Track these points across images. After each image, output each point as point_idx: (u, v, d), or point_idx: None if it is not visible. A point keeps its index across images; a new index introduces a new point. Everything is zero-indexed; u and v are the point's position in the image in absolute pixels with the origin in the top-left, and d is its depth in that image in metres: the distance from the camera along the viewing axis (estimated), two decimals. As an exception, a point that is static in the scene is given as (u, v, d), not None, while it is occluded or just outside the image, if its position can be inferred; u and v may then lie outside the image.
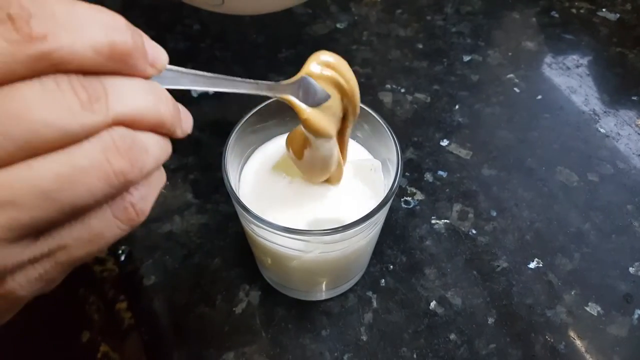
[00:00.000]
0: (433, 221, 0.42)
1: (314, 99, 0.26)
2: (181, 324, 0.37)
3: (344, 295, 0.38)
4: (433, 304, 0.38)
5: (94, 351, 0.36)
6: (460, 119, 0.50)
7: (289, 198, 0.33)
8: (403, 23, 0.60)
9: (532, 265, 0.40)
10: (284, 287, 0.38)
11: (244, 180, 0.34)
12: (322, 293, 0.38)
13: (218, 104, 0.50)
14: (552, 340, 0.36)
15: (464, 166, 0.46)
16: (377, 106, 0.51)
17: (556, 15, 0.61)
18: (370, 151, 0.36)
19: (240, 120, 0.32)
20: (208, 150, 0.46)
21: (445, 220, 0.42)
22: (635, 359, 0.35)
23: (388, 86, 0.53)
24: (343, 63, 0.28)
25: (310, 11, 0.61)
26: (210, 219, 0.42)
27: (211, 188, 0.44)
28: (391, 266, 0.39)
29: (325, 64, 0.27)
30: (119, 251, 0.40)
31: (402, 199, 0.44)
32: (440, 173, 0.45)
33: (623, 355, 0.35)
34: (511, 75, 0.54)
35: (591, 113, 0.51)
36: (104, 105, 0.15)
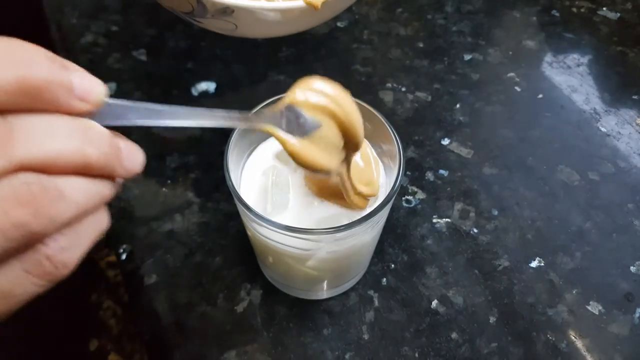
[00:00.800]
0: (434, 220, 0.42)
1: (303, 129, 0.24)
2: (182, 322, 0.37)
3: (346, 294, 0.38)
4: (434, 303, 0.38)
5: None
6: (461, 118, 0.50)
7: (290, 197, 0.33)
8: (403, 22, 0.60)
9: (534, 264, 0.40)
10: (286, 286, 0.38)
11: (245, 178, 0.34)
12: (324, 292, 0.38)
13: (219, 102, 0.50)
14: (554, 339, 0.36)
15: (465, 165, 0.46)
16: (378, 105, 0.51)
17: (557, 14, 0.61)
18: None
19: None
20: (209, 149, 0.46)
21: (447, 219, 0.42)
22: (636, 357, 0.35)
23: (389, 85, 0.53)
24: (343, 95, 0.25)
25: (311, 10, 0.61)
26: (212, 217, 0.42)
27: (212, 187, 0.44)
28: (392, 265, 0.39)
29: (315, 90, 0.24)
30: (120, 250, 0.40)
31: (403, 198, 0.44)
32: (442, 172, 0.45)
33: (624, 354, 0.35)
34: (512, 74, 0.54)
35: (592, 112, 0.51)
36: (8, 149, 0.14)
